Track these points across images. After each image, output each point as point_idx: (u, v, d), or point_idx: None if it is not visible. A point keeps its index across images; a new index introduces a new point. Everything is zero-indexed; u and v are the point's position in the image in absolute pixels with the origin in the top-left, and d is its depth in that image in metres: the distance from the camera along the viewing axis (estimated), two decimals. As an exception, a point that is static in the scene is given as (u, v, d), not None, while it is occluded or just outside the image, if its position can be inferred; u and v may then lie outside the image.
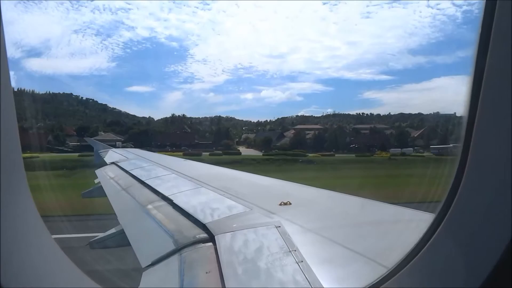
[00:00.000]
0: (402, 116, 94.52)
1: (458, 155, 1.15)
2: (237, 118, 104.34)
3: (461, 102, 1.16)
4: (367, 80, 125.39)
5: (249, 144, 67.66)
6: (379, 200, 3.39)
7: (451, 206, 1.18)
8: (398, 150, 56.01)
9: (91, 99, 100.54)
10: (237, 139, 75.60)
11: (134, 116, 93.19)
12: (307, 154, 51.35)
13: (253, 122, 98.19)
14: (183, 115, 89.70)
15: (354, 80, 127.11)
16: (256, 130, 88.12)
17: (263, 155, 50.62)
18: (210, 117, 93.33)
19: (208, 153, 47.91)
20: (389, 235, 2.36)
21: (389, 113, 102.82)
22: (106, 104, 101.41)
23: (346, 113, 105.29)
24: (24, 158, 1.54)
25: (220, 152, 52.24)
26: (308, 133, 69.35)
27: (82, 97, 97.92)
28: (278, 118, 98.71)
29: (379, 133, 70.25)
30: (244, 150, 59.52)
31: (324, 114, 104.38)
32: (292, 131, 72.53)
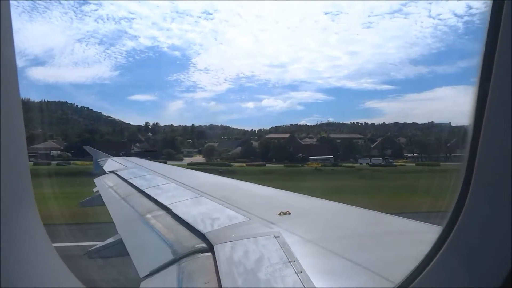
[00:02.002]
0: (395, 126, 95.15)
1: (464, 165, 1.14)
2: (232, 127, 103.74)
3: (462, 111, 1.15)
4: (368, 89, 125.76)
5: (205, 154, 66.87)
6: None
7: (459, 217, 1.16)
8: (368, 160, 57.09)
9: (86, 107, 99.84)
10: (200, 148, 74.04)
11: (128, 124, 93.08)
12: (233, 164, 51.48)
13: (248, 130, 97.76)
14: (156, 123, 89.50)
15: (355, 90, 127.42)
16: (227, 139, 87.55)
17: (188, 164, 48.28)
18: (184, 125, 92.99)
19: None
20: (390, 246, 2.34)
21: (383, 122, 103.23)
22: (101, 113, 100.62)
23: (340, 122, 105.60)
24: None
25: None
26: (269, 143, 69.12)
27: (77, 106, 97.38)
28: (272, 127, 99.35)
29: (329, 143, 70.28)
30: (190, 159, 59.02)
31: (318, 123, 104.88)
32: (253, 141, 73.06)
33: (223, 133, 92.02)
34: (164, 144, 66.70)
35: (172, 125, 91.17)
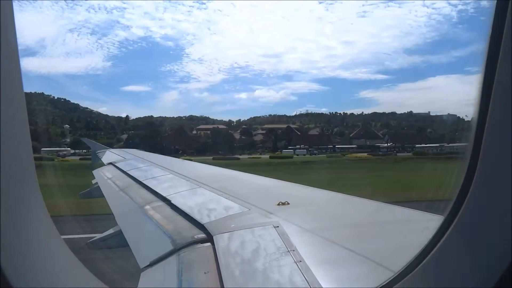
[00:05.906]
0: (374, 115, 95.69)
1: (468, 155, 1.13)
2: (211, 117, 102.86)
3: (455, 100, 1.14)
4: (363, 79, 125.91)
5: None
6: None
7: (462, 206, 1.15)
8: (291, 152, 62.00)
9: (62, 98, 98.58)
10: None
11: (106, 115, 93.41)
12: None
13: (226, 121, 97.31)
14: (91, 110, 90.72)
15: (350, 80, 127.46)
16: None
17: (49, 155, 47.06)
18: (118, 116, 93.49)
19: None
20: (390, 236, 2.35)
21: (362, 112, 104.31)
22: (78, 104, 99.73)
23: (320, 112, 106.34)
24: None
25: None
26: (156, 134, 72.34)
27: (53, 97, 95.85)
28: (250, 118, 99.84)
29: (218, 135, 73.87)
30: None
31: (298, 114, 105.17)
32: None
33: (216, 124, 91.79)
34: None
35: (107, 115, 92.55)
